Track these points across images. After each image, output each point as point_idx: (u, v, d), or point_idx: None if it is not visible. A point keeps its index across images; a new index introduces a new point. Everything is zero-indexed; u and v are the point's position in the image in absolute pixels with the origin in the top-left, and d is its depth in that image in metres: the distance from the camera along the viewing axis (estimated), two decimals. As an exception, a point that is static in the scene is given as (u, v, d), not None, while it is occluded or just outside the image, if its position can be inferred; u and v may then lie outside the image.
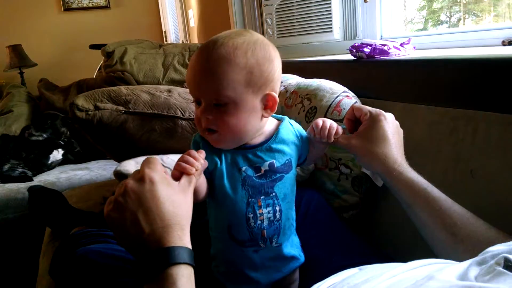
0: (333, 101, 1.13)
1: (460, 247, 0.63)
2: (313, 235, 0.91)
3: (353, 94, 1.17)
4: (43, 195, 1.20)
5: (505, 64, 0.82)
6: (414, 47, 1.27)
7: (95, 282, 0.75)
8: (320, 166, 1.15)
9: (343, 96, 1.14)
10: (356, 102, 1.14)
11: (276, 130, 0.73)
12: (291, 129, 0.75)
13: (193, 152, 0.64)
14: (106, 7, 4.54)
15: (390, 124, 0.75)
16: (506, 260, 0.41)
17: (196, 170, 0.62)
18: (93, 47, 3.30)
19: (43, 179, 1.86)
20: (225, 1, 2.38)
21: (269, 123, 0.73)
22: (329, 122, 0.74)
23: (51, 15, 4.40)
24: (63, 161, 2.15)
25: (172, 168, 0.62)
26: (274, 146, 0.71)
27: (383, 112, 0.75)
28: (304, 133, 0.77)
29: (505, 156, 0.79)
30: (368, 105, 0.78)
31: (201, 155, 0.64)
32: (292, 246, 0.77)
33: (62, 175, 1.89)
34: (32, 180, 1.86)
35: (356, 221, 1.12)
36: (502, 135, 0.79)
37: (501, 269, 0.40)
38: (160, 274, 0.50)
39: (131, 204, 0.53)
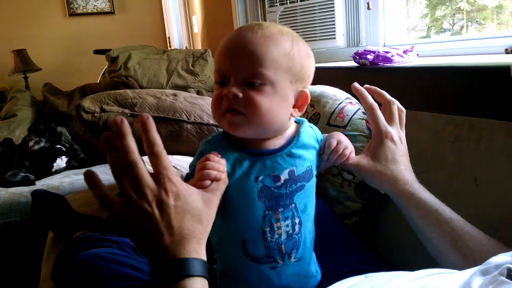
0: (336, 108, 1.13)
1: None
2: (316, 241, 0.91)
3: (357, 101, 1.17)
4: (46, 199, 1.21)
5: (508, 72, 0.82)
6: (417, 55, 1.28)
7: (96, 286, 0.74)
8: (323, 172, 1.15)
9: (346, 102, 1.14)
10: (359, 109, 1.14)
11: (297, 133, 0.67)
12: (312, 132, 0.69)
13: (211, 156, 0.58)
14: (111, 12, 4.58)
15: (398, 145, 0.73)
16: (510, 270, 0.41)
17: (224, 173, 0.57)
18: (97, 52, 3.32)
19: (46, 183, 1.86)
20: (229, 7, 2.40)
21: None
22: (342, 147, 0.68)
23: (56, 20, 4.44)
24: (67, 168, 2.16)
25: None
26: (294, 151, 0.65)
27: (391, 133, 0.73)
28: (320, 136, 0.71)
29: (509, 163, 0.78)
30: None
31: (219, 156, 0.59)
32: (311, 263, 0.71)
33: (65, 180, 1.89)
34: (34, 184, 1.87)
35: (359, 228, 1.12)
36: (506, 142, 0.79)
37: (504, 279, 0.41)
38: (172, 285, 0.50)
39: (155, 214, 0.51)
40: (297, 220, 0.65)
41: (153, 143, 0.52)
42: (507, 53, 1.10)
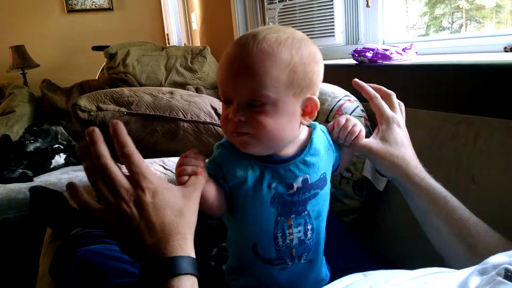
0: (335, 105, 1.13)
1: (476, 260, 0.61)
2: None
3: (355, 98, 1.17)
4: (44, 196, 1.20)
5: (507, 70, 0.82)
6: (416, 52, 1.28)
7: (94, 282, 0.75)
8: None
9: (345, 100, 1.14)
10: (358, 106, 1.14)
11: (309, 139, 0.64)
12: (324, 137, 0.67)
13: (189, 152, 0.59)
14: (109, 9, 4.56)
15: (404, 131, 0.74)
16: (507, 270, 0.41)
17: (200, 167, 0.58)
18: (96, 48, 3.31)
19: (44, 179, 1.86)
20: (228, 5, 2.39)
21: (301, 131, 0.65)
22: (351, 123, 0.67)
23: (54, 17, 4.43)
24: (66, 164, 2.15)
25: (173, 170, 0.60)
26: (308, 159, 0.63)
27: (397, 118, 0.74)
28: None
29: (506, 161, 0.79)
30: (370, 109, 0.78)
31: (196, 152, 0.60)
32: (322, 266, 0.70)
33: (64, 176, 1.88)
34: (32, 180, 1.86)
35: (356, 225, 1.12)
36: (503, 140, 0.80)
37: (501, 279, 0.41)
38: (161, 286, 0.49)
39: (134, 214, 0.51)
40: (309, 227, 0.64)
41: (123, 145, 0.52)
42: (505, 51, 1.10)
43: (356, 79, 0.77)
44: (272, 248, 0.63)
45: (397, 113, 0.75)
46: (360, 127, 0.68)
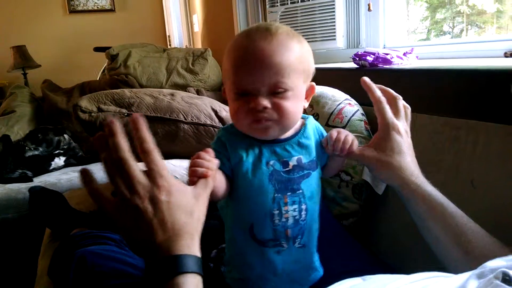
0: (335, 109, 1.13)
1: (473, 265, 0.61)
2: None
3: (355, 102, 1.17)
4: (43, 196, 1.20)
5: (507, 75, 0.82)
6: (417, 57, 1.28)
7: (93, 283, 0.75)
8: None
9: (345, 103, 1.15)
10: (358, 110, 1.14)
11: (303, 125, 0.72)
12: (315, 126, 0.74)
13: (202, 153, 0.60)
14: (111, 10, 4.57)
15: (404, 137, 0.74)
16: (505, 274, 0.42)
17: (212, 170, 0.59)
18: (97, 49, 3.32)
19: (44, 180, 1.86)
20: (230, 7, 2.40)
21: None
22: (344, 135, 0.71)
23: (56, 17, 4.43)
24: (65, 166, 2.14)
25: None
26: (302, 141, 0.70)
27: (397, 125, 0.74)
28: (325, 133, 0.74)
29: (506, 166, 0.79)
30: (370, 113, 0.79)
31: (210, 154, 0.61)
32: (314, 254, 0.74)
33: (63, 177, 1.88)
34: (32, 180, 1.86)
35: (355, 229, 1.12)
36: (503, 145, 0.80)
37: (499, 282, 0.41)
38: (167, 283, 0.50)
39: (148, 211, 0.51)
40: (303, 207, 0.68)
41: (144, 140, 0.53)
42: (506, 56, 1.10)
43: (365, 78, 0.77)
44: (269, 227, 0.67)
45: (400, 119, 0.75)
46: (352, 137, 0.72)
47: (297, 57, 0.64)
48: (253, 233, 0.67)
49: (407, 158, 0.72)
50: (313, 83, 0.70)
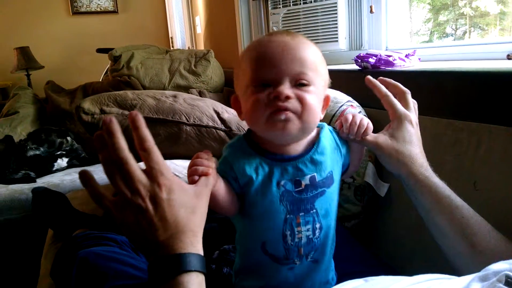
0: (337, 110, 1.13)
1: (478, 259, 0.62)
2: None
3: (358, 104, 1.17)
4: (46, 197, 1.21)
5: (509, 77, 0.82)
6: (419, 59, 1.28)
7: (95, 284, 0.75)
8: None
9: (348, 105, 1.15)
10: (360, 111, 1.14)
11: (317, 138, 0.67)
12: (331, 137, 0.69)
13: (201, 153, 0.60)
14: (114, 11, 4.59)
15: (416, 129, 0.74)
16: (508, 277, 0.42)
17: (212, 168, 0.59)
18: (100, 51, 3.33)
19: (47, 180, 1.86)
20: (232, 9, 2.40)
21: None
22: (359, 118, 0.69)
23: (59, 19, 4.45)
24: (68, 167, 2.15)
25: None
26: (315, 157, 0.65)
27: (409, 115, 0.74)
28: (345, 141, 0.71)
29: (508, 168, 0.79)
30: (372, 115, 0.79)
31: (209, 153, 0.61)
32: (328, 268, 0.71)
33: (66, 177, 1.89)
34: (35, 181, 1.87)
35: (357, 230, 1.12)
36: (505, 147, 0.80)
37: (502, 285, 0.41)
38: (170, 281, 0.50)
39: (149, 209, 0.51)
40: (317, 225, 0.65)
41: (144, 139, 0.52)
42: (508, 59, 1.10)
43: (369, 77, 0.78)
44: (281, 246, 0.64)
45: (411, 111, 0.75)
46: (367, 121, 0.70)
47: (319, 58, 0.64)
48: (265, 249, 0.65)
49: (417, 149, 0.73)
50: (329, 94, 0.68)
